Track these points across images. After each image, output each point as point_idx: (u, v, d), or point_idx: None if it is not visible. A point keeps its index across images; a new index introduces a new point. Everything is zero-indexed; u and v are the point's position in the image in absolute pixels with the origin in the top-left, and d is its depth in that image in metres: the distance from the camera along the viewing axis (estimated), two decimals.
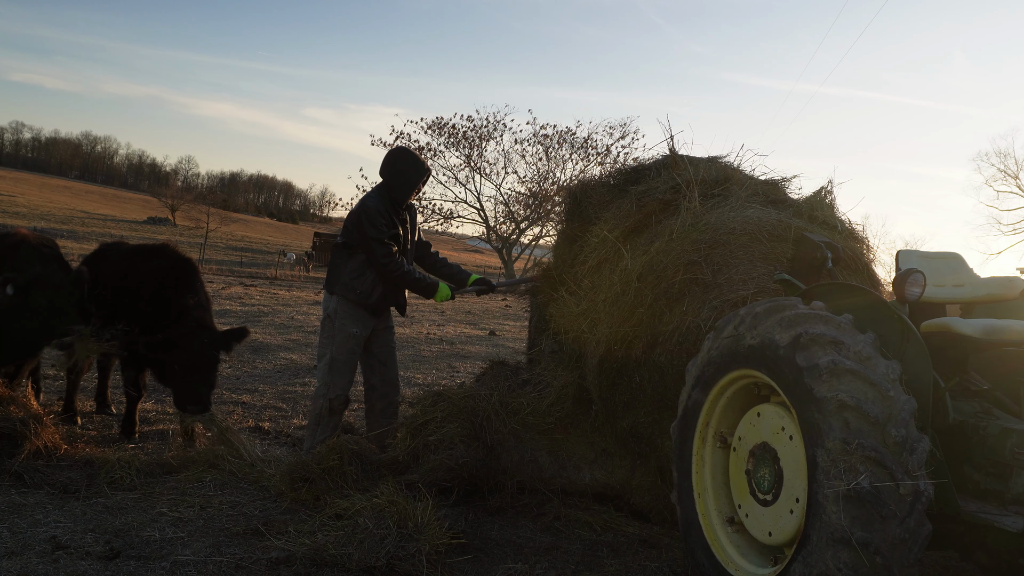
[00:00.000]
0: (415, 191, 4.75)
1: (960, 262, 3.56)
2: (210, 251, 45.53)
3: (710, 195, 4.37)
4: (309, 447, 4.64)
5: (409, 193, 4.72)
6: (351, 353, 4.70)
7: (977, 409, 2.92)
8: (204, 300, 5.07)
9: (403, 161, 4.74)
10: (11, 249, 5.00)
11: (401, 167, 4.71)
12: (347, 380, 4.71)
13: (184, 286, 4.93)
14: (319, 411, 4.67)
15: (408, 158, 4.78)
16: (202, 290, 5.11)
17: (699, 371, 3.20)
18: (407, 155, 4.80)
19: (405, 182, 4.69)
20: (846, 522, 2.34)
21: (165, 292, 4.89)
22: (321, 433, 4.63)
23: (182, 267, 5.10)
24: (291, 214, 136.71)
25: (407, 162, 4.73)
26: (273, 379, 7.53)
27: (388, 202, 4.67)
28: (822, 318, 2.74)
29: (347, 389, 4.72)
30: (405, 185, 4.69)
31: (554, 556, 3.64)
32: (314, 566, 3.24)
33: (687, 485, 3.23)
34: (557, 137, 34.91)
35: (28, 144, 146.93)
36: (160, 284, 4.92)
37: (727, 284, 3.85)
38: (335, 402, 4.66)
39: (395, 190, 4.69)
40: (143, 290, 4.93)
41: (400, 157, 4.77)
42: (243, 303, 15.17)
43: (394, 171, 4.71)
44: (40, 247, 5.16)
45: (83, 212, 69.69)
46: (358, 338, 4.69)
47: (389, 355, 4.89)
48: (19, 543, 3.25)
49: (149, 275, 5.00)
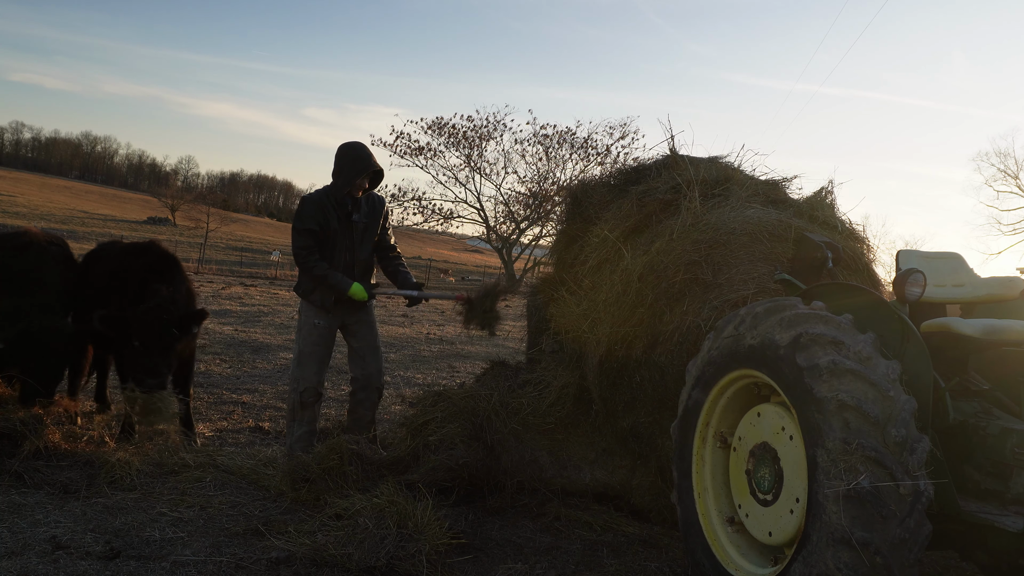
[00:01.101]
0: (350, 183, 4.68)
1: (960, 262, 3.55)
2: (210, 251, 45.52)
3: (711, 195, 4.37)
4: (289, 443, 4.71)
5: (343, 185, 4.68)
6: (316, 345, 4.74)
7: (977, 409, 2.92)
8: (184, 292, 5.06)
9: (339, 156, 4.76)
10: (20, 250, 5.02)
11: (337, 159, 4.76)
12: (314, 372, 4.73)
13: (162, 278, 4.94)
14: (292, 406, 4.74)
15: (344, 153, 4.76)
16: (182, 283, 5.09)
17: (699, 371, 3.20)
18: (344, 150, 4.78)
19: (339, 173, 4.72)
20: (846, 522, 2.34)
21: (147, 284, 4.91)
22: (298, 428, 4.68)
23: (164, 262, 5.11)
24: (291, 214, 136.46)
25: (342, 157, 4.74)
26: (273, 379, 7.53)
27: (329, 195, 4.70)
28: (822, 318, 2.74)
29: (315, 382, 4.73)
30: (339, 177, 4.71)
31: (554, 556, 3.64)
32: (314, 566, 3.24)
33: (687, 485, 3.22)
34: (557, 137, 34.91)
35: (28, 144, 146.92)
36: (143, 278, 4.95)
37: (727, 284, 3.85)
38: (305, 395, 4.69)
39: (333, 182, 4.74)
40: (128, 285, 4.96)
41: (339, 152, 4.78)
42: (243, 303, 15.17)
43: (334, 164, 4.77)
44: (48, 246, 5.23)
45: (83, 212, 69.69)
46: (321, 328, 4.74)
47: (368, 349, 4.88)
48: (19, 543, 3.24)
49: (134, 271, 5.03)
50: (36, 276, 4.94)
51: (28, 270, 4.94)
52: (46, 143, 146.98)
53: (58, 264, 5.19)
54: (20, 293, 4.77)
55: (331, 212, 4.67)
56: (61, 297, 5.01)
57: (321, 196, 4.70)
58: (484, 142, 35.50)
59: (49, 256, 5.15)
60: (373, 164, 4.74)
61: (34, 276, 4.93)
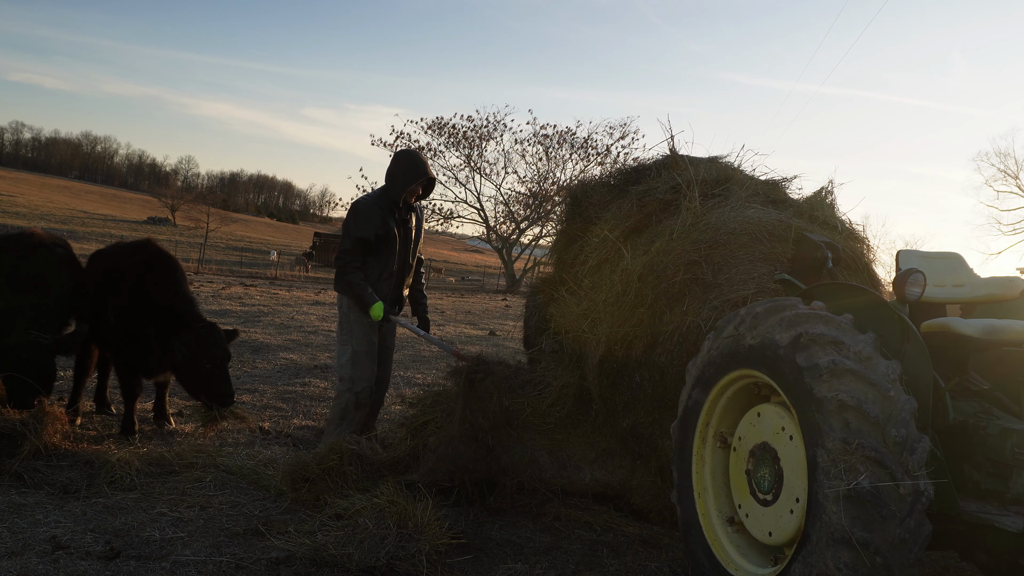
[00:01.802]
0: (405, 192, 4.75)
1: (960, 262, 3.55)
2: (210, 251, 45.50)
3: (711, 195, 4.36)
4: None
5: (398, 193, 4.74)
6: (370, 344, 4.80)
7: (977, 409, 2.92)
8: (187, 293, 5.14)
9: (395, 163, 4.84)
10: (31, 250, 5.03)
11: (392, 168, 4.83)
12: (370, 371, 4.79)
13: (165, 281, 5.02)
14: (345, 406, 4.75)
15: (400, 159, 4.84)
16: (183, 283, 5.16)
17: (699, 371, 3.20)
18: (400, 156, 4.87)
19: (394, 183, 4.77)
20: (846, 522, 2.34)
21: (144, 285, 4.96)
22: (346, 428, 4.70)
23: (162, 261, 5.15)
24: (291, 214, 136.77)
25: (398, 163, 4.82)
26: (273, 379, 7.53)
27: (384, 202, 4.75)
28: (822, 318, 2.73)
29: (372, 380, 4.79)
30: (395, 186, 4.76)
31: (554, 556, 3.64)
32: (314, 566, 3.24)
33: (687, 485, 3.22)
34: (557, 137, 34.88)
35: (28, 144, 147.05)
36: (139, 277, 4.98)
37: (727, 284, 3.85)
38: (361, 395, 4.74)
39: (388, 190, 4.79)
40: (123, 284, 4.97)
41: (395, 158, 4.88)
42: (243, 303, 15.17)
43: (388, 172, 4.84)
44: (54, 247, 5.26)
45: (83, 212, 69.67)
46: (374, 327, 4.80)
47: (384, 354, 5.00)
48: (19, 543, 3.24)
49: (129, 269, 5.04)
50: (44, 278, 4.94)
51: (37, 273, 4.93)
52: (46, 143, 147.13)
53: (65, 266, 5.19)
54: (27, 295, 4.77)
55: (389, 218, 4.72)
56: (65, 300, 5.00)
57: (379, 201, 4.74)
58: (484, 142, 35.52)
59: (56, 258, 5.15)
60: (428, 171, 4.79)
61: (42, 278, 4.92)
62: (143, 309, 4.88)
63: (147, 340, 4.87)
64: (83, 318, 5.04)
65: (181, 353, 4.72)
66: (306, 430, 5.67)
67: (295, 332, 11.28)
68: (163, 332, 4.80)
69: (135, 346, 4.96)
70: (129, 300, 4.91)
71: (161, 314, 4.86)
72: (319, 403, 6.66)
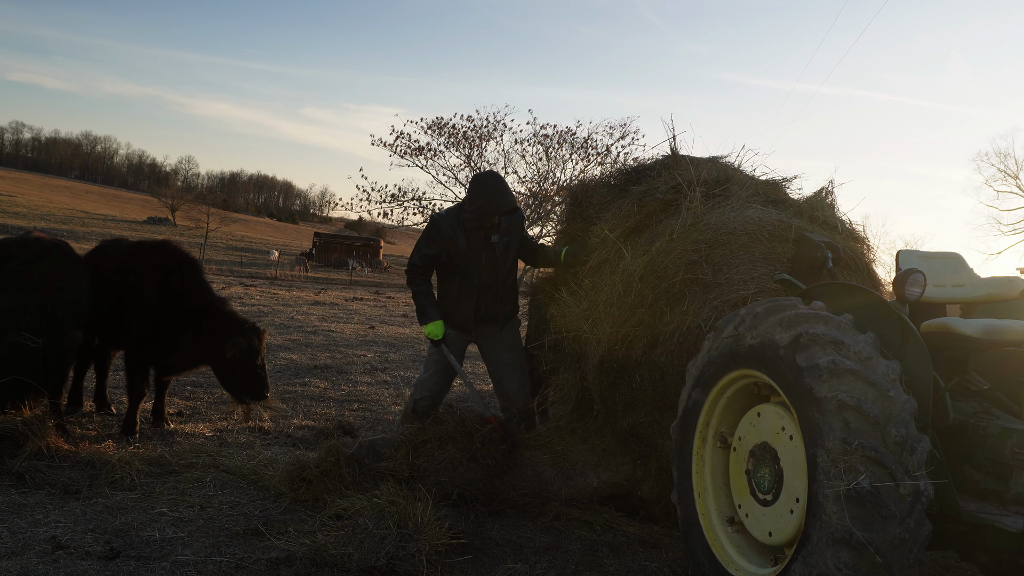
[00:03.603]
0: (480, 216, 4.62)
1: (960, 262, 3.55)
2: (210, 251, 45.51)
3: (711, 195, 4.36)
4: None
5: (475, 219, 4.64)
6: (436, 363, 4.86)
7: (977, 409, 2.92)
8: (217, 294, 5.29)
9: (471, 187, 4.75)
10: (42, 251, 5.01)
11: (471, 188, 4.74)
12: (431, 385, 4.84)
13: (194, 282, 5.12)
14: (405, 411, 4.93)
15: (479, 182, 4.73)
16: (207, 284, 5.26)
17: (699, 371, 3.20)
18: (475, 183, 4.74)
19: (471, 203, 4.67)
20: (846, 522, 2.34)
21: (170, 286, 5.00)
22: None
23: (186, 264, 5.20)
24: (291, 214, 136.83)
25: (473, 191, 4.71)
26: (273, 379, 7.51)
27: (459, 218, 4.69)
28: (822, 318, 2.73)
29: (433, 394, 4.83)
30: (471, 206, 4.66)
31: (554, 556, 3.63)
32: (314, 566, 3.24)
33: (687, 485, 3.22)
34: (557, 137, 34.84)
35: (28, 144, 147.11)
36: (165, 279, 5.00)
37: (727, 284, 3.85)
38: (419, 404, 4.80)
39: (465, 207, 4.72)
40: (144, 285, 4.97)
41: (472, 182, 4.78)
42: (243, 303, 15.18)
43: (468, 190, 4.78)
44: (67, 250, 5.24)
45: (83, 212, 69.70)
46: (451, 338, 4.84)
47: (502, 370, 4.89)
48: (19, 543, 3.24)
49: (151, 270, 5.04)
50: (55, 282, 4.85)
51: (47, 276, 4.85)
52: (46, 143, 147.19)
53: (72, 269, 5.15)
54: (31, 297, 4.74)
55: (460, 235, 4.65)
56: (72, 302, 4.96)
57: (451, 219, 4.68)
58: (484, 142, 35.45)
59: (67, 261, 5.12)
60: (504, 205, 4.64)
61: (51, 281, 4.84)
62: (170, 310, 4.95)
63: (175, 340, 4.97)
64: (93, 319, 5.00)
65: (233, 352, 4.89)
66: (306, 430, 5.68)
67: (295, 332, 11.29)
68: (209, 332, 4.93)
69: (152, 346, 5.00)
70: (157, 300, 4.96)
71: (196, 316, 4.96)
72: (319, 403, 6.66)
